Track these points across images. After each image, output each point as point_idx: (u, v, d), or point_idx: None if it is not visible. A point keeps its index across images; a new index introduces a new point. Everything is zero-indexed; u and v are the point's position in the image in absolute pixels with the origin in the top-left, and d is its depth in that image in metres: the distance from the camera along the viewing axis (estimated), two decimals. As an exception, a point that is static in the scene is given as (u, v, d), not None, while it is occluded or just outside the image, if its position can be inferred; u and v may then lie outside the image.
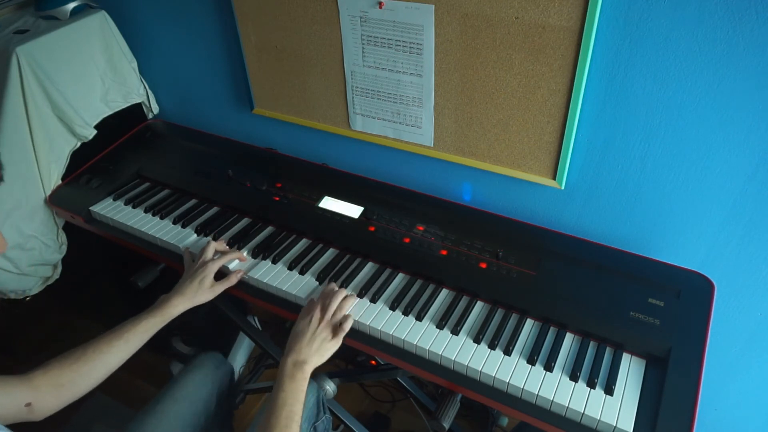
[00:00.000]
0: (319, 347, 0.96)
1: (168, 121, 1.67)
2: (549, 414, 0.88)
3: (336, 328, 0.99)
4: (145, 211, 1.32)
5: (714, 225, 1.05)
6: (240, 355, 1.79)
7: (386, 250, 1.14)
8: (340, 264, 1.14)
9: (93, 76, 1.44)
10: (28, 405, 0.88)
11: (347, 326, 0.99)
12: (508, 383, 0.90)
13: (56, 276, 1.50)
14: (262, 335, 1.42)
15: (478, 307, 1.04)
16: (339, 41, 1.22)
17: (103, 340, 0.99)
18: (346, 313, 1.02)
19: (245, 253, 1.18)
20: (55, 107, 1.35)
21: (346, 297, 1.03)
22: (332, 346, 0.98)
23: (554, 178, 1.15)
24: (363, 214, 1.22)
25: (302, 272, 1.13)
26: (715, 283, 1.01)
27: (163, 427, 1.06)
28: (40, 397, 0.90)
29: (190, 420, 1.10)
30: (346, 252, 1.17)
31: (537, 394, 0.88)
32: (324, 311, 1.00)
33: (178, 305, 1.08)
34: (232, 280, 1.12)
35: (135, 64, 1.54)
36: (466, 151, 1.22)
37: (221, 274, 1.14)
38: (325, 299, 1.02)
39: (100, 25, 1.43)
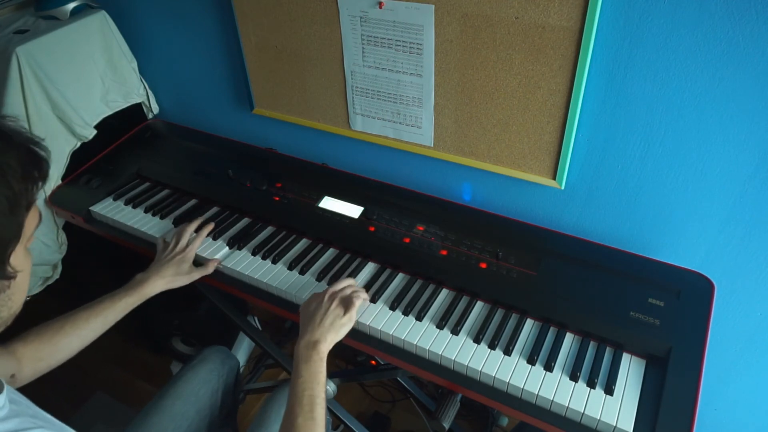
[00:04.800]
0: (332, 324, 0.94)
1: (168, 121, 1.67)
2: (549, 414, 0.88)
3: (348, 304, 0.97)
4: (145, 211, 1.32)
5: (714, 225, 1.05)
6: (240, 355, 1.79)
7: (386, 250, 1.14)
8: (340, 264, 1.14)
9: (93, 76, 1.44)
10: (12, 376, 0.89)
11: (358, 302, 0.98)
12: (508, 383, 0.90)
13: (56, 276, 1.50)
14: (262, 335, 1.42)
15: (478, 307, 1.04)
16: (339, 41, 1.22)
17: (81, 315, 1.00)
18: (356, 291, 1.01)
19: (247, 252, 1.18)
20: (55, 107, 1.35)
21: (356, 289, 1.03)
22: (346, 322, 0.95)
23: (554, 178, 1.15)
24: (363, 214, 1.22)
25: (302, 272, 1.13)
26: (715, 283, 1.01)
27: (167, 425, 1.06)
28: (21, 368, 0.91)
29: (195, 417, 1.09)
30: (346, 252, 1.17)
31: (537, 394, 0.88)
32: (334, 291, 0.99)
33: (156, 286, 1.08)
34: (209, 269, 1.14)
35: (135, 64, 1.54)
36: (466, 151, 1.22)
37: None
38: (336, 282, 1.02)
39: (100, 25, 1.43)
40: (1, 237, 0.60)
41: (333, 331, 0.93)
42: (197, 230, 1.21)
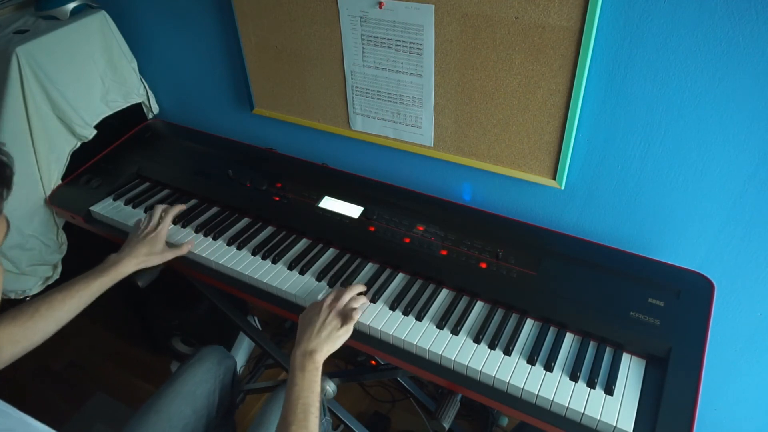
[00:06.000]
0: (329, 335, 0.94)
1: (168, 121, 1.67)
2: (549, 414, 0.88)
3: (346, 317, 0.97)
4: (145, 211, 1.31)
5: (714, 225, 1.05)
6: (240, 355, 1.79)
7: (386, 250, 1.14)
8: (340, 264, 1.14)
9: (93, 76, 1.44)
10: None
11: (356, 315, 0.98)
12: (508, 383, 0.90)
13: (56, 276, 1.50)
14: (262, 335, 1.42)
15: (478, 307, 1.04)
16: (339, 41, 1.22)
17: (56, 297, 1.01)
18: (357, 305, 1.01)
19: (247, 252, 1.18)
20: (55, 107, 1.35)
21: (360, 294, 1.03)
22: (343, 334, 0.96)
23: (554, 178, 1.15)
24: (363, 214, 1.22)
25: (302, 272, 1.13)
26: (715, 283, 1.01)
27: (164, 425, 1.06)
28: None
29: (192, 417, 1.10)
30: (346, 252, 1.17)
31: (537, 394, 0.88)
32: (333, 302, 0.99)
33: (129, 266, 1.10)
34: (183, 250, 1.16)
35: (135, 64, 1.54)
36: (466, 151, 1.22)
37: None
38: (336, 292, 1.02)
39: (100, 25, 1.43)
40: None
41: (329, 341, 0.94)
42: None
